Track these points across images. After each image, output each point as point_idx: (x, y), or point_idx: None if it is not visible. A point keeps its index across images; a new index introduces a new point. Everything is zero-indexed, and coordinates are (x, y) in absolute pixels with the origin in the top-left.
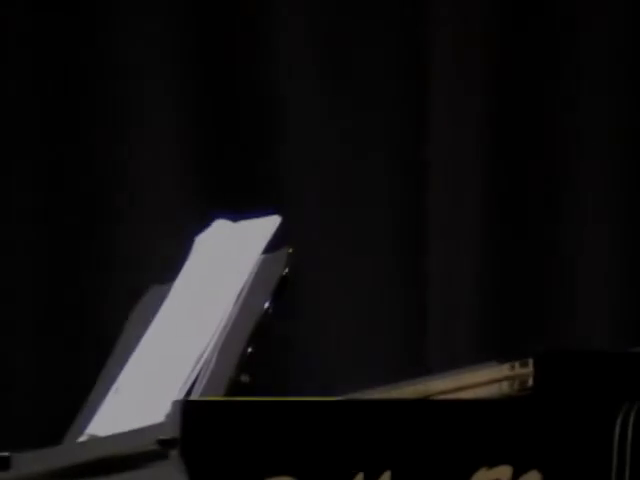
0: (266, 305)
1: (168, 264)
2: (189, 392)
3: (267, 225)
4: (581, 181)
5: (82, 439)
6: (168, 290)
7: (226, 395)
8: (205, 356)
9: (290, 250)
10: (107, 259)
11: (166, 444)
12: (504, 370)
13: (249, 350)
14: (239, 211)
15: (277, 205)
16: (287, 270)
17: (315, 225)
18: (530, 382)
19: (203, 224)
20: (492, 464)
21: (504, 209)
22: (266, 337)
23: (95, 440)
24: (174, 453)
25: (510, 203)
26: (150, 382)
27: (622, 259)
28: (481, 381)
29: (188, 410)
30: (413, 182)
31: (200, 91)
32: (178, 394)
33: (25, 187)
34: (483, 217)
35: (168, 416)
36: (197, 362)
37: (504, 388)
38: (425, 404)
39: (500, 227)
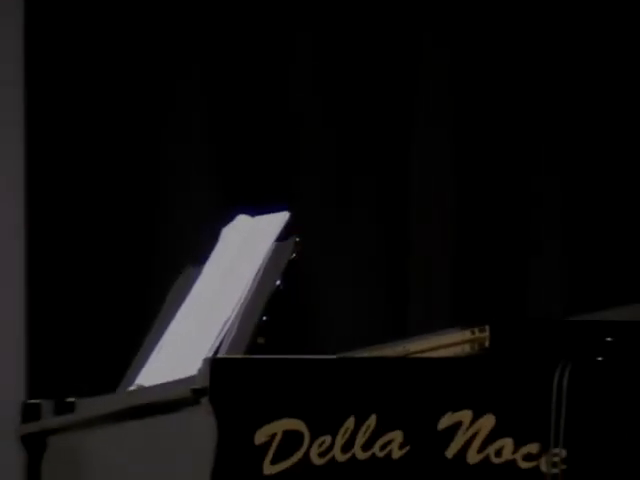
0: (277, 283)
1: (201, 250)
2: (216, 351)
3: (278, 219)
4: (540, 174)
5: (132, 388)
6: (200, 270)
7: (245, 354)
8: (229, 323)
9: (297, 239)
10: (157, 246)
11: (198, 393)
12: (466, 334)
13: (264, 318)
14: (257, 208)
15: (287, 203)
16: (294, 255)
17: (317, 219)
18: (487, 344)
19: (228, 219)
20: (456, 409)
21: (475, 202)
22: (277, 308)
23: (142, 389)
24: (204, 400)
25: (479, 197)
26: (186, 343)
27: (572, 244)
28: (448, 343)
29: (215, 366)
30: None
31: (230, 115)
32: (208, 353)
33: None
34: (459, 209)
35: (200, 370)
36: (223, 327)
37: (467, 349)
38: (403, 361)
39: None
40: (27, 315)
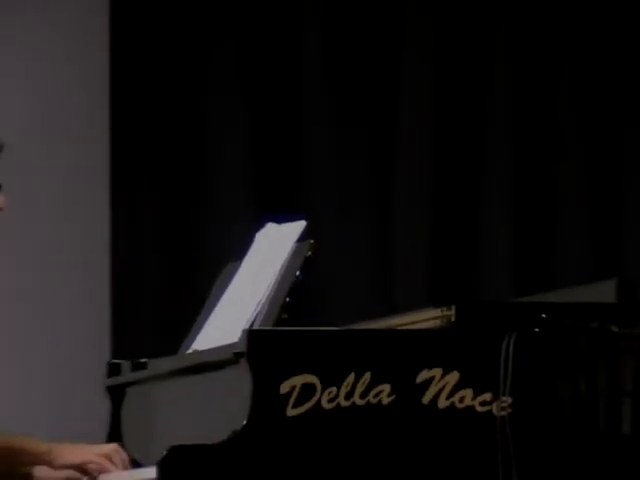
0: (297, 273)
1: (240, 249)
2: (252, 324)
3: (297, 227)
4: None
5: (189, 351)
6: (239, 265)
7: (273, 326)
8: (261, 303)
9: (311, 241)
10: (210, 246)
11: (238, 355)
12: (437, 312)
13: (287, 300)
14: (282, 218)
15: (304, 214)
16: (309, 253)
17: (326, 227)
18: (453, 319)
19: (261, 226)
20: (430, 367)
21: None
22: (297, 292)
23: (197, 352)
24: (243, 360)
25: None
26: (229, 318)
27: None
28: (424, 318)
29: (251, 335)
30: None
31: (263, 145)
32: (245, 325)
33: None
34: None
35: (239, 338)
36: (256, 307)
37: (438, 323)
38: (391, 332)
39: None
40: (112, 297)
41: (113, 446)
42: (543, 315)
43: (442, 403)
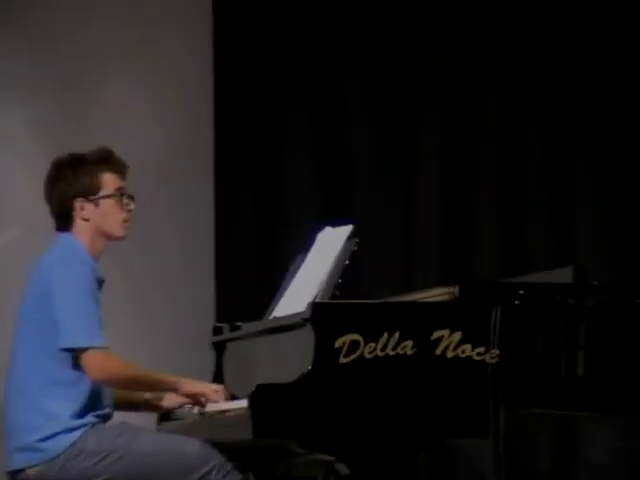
0: (346, 262)
1: (307, 245)
2: (315, 298)
3: (347, 229)
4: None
5: (270, 317)
6: (306, 257)
7: (329, 299)
8: (322, 283)
9: (357, 240)
10: (286, 243)
11: (305, 320)
12: (446, 290)
13: (339, 281)
14: (336, 223)
15: (351, 220)
16: (355, 248)
17: (369, 229)
18: (457, 295)
19: (321, 229)
20: (440, 328)
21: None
22: (345, 275)
23: (276, 318)
24: (308, 324)
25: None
26: (298, 293)
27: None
28: (437, 294)
29: (314, 306)
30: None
31: (324, 169)
32: (310, 299)
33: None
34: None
35: (306, 308)
36: (318, 285)
37: (446, 297)
38: (412, 304)
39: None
40: (216, 281)
41: (219, 385)
42: (521, 292)
43: (449, 354)
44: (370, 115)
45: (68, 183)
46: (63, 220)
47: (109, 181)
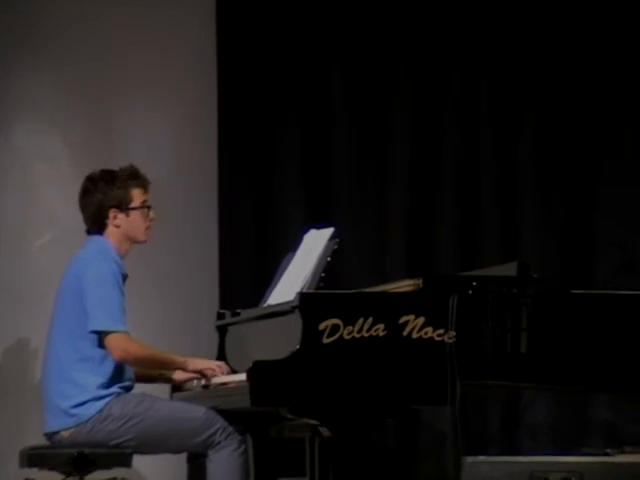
0: (328, 259)
1: (295, 245)
2: (302, 289)
3: (329, 231)
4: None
5: (264, 305)
6: (294, 254)
7: (315, 290)
8: (308, 276)
9: (337, 239)
10: (279, 244)
11: (294, 307)
12: (411, 281)
13: (322, 275)
14: (319, 225)
15: (331, 222)
16: (335, 247)
17: (347, 231)
18: (421, 285)
19: (306, 230)
20: (407, 313)
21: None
22: (328, 270)
23: (270, 305)
24: (296, 311)
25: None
26: (288, 285)
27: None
28: (403, 285)
29: (302, 295)
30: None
31: (320, 168)
32: (298, 289)
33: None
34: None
35: (295, 297)
36: (304, 278)
37: (411, 288)
38: (383, 294)
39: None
40: (220, 273)
41: (221, 362)
42: (474, 283)
43: (415, 335)
44: (351, 131)
45: (104, 195)
46: (96, 225)
47: (137, 195)
